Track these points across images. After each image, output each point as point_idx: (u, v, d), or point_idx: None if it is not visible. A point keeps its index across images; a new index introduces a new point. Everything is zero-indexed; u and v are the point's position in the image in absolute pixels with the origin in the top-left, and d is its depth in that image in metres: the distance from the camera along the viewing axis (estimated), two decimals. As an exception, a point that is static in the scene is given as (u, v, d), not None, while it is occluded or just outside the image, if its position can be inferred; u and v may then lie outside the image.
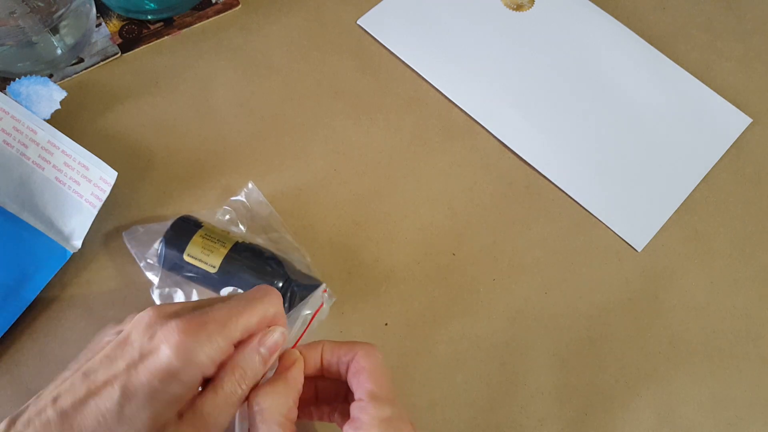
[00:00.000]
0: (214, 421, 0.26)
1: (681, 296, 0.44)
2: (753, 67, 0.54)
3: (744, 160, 0.49)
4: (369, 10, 0.53)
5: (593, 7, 0.55)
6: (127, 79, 0.49)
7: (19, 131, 0.40)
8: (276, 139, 0.47)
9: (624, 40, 0.54)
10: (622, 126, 0.50)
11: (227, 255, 0.38)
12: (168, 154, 0.46)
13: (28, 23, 0.43)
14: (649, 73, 0.52)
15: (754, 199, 0.48)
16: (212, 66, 0.50)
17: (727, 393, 0.41)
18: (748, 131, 0.50)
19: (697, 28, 0.55)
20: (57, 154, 0.41)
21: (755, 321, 0.44)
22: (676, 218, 0.47)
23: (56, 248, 0.41)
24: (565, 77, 0.52)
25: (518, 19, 0.54)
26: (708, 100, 0.52)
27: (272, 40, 0.52)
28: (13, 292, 0.40)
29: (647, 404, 0.41)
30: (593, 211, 0.46)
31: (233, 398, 0.27)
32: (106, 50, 0.50)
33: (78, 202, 0.41)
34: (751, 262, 0.46)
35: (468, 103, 0.50)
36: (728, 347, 0.43)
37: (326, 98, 0.49)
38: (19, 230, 0.40)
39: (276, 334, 0.29)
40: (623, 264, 0.45)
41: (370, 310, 0.42)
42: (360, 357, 0.30)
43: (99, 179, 0.41)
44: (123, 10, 0.51)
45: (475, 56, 0.52)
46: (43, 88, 0.42)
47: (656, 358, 0.42)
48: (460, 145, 0.48)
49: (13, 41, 0.44)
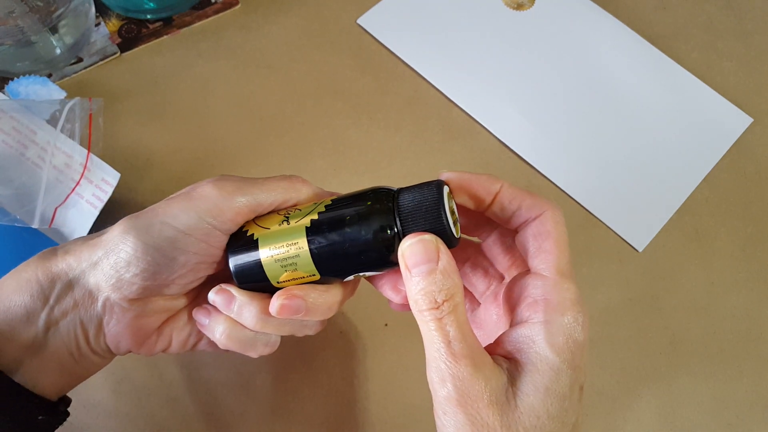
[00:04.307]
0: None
1: (681, 296, 0.44)
2: (753, 67, 0.53)
3: (745, 160, 0.49)
4: (369, 10, 0.53)
5: (594, 7, 0.55)
6: (126, 78, 0.49)
7: (19, 131, 0.40)
8: (276, 139, 0.47)
9: (624, 40, 0.54)
10: (622, 126, 0.50)
11: (310, 251, 0.28)
12: (167, 154, 0.46)
13: (27, 23, 0.43)
14: (650, 73, 0.52)
15: (755, 199, 0.48)
16: (211, 65, 0.50)
17: (727, 393, 0.41)
18: (749, 131, 0.50)
19: (698, 27, 0.55)
20: (57, 154, 0.40)
21: (756, 321, 0.43)
22: (677, 218, 0.47)
23: (56, 249, 0.41)
24: (565, 77, 0.52)
25: (519, 18, 0.54)
26: (709, 99, 0.52)
27: (272, 40, 0.52)
28: (12, 293, 0.39)
29: (648, 405, 0.40)
30: (594, 211, 0.46)
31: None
32: (106, 50, 0.50)
33: (78, 202, 0.41)
34: (751, 262, 0.45)
35: (468, 102, 0.50)
36: (729, 347, 0.43)
37: (326, 98, 0.49)
38: (19, 230, 0.40)
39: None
40: (624, 264, 0.45)
41: (370, 310, 0.42)
42: (547, 219, 0.26)
43: (101, 180, 0.41)
44: (122, 10, 0.51)
45: (475, 56, 0.52)
46: (42, 87, 0.41)
47: (657, 359, 0.42)
48: (460, 145, 0.48)
49: (12, 41, 0.44)
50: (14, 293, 0.27)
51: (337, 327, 0.41)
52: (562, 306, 0.25)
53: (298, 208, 0.29)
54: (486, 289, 0.32)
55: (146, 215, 0.28)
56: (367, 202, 0.27)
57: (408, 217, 0.26)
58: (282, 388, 0.39)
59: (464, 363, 0.24)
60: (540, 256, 0.26)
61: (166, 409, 0.38)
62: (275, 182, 0.30)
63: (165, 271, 0.28)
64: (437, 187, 0.27)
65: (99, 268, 0.27)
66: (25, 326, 0.27)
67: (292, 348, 0.40)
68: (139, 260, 0.27)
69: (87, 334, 0.29)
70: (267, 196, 0.29)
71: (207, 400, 0.39)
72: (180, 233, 0.27)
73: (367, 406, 0.40)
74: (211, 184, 0.28)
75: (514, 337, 0.26)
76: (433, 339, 0.25)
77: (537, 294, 0.26)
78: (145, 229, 0.27)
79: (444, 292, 0.25)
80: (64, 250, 0.28)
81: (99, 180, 0.41)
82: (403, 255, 0.26)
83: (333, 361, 0.40)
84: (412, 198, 0.27)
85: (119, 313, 0.28)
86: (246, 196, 0.28)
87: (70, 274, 0.28)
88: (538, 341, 0.25)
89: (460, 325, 0.25)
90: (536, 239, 0.26)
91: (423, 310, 0.25)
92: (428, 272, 0.25)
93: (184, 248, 0.28)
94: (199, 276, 0.30)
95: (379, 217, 0.27)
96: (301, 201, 0.30)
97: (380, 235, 0.26)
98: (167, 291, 0.29)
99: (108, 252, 0.27)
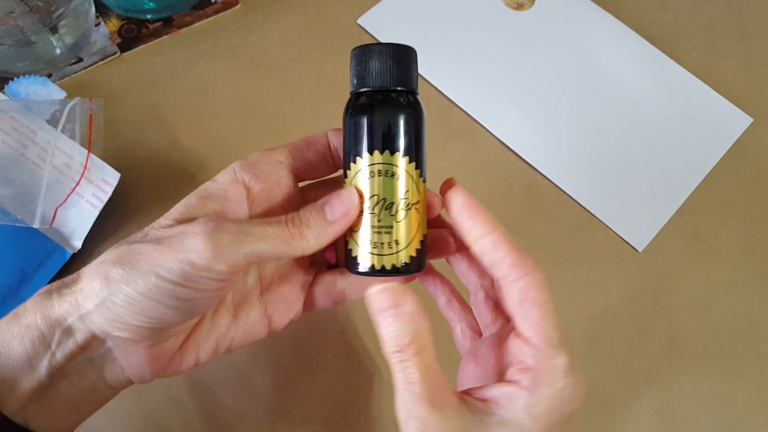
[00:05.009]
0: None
1: (681, 296, 0.44)
2: (753, 67, 0.53)
3: (745, 160, 0.49)
4: (369, 9, 0.53)
5: (594, 7, 0.55)
6: (126, 78, 0.49)
7: (19, 131, 0.40)
8: (276, 139, 0.47)
9: (625, 40, 0.54)
10: (622, 126, 0.50)
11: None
12: (167, 154, 0.46)
13: (27, 23, 0.43)
14: (650, 73, 0.52)
15: (755, 199, 0.48)
16: (211, 65, 0.50)
17: (727, 393, 0.41)
18: (749, 131, 0.50)
19: (698, 27, 0.55)
20: (57, 154, 0.40)
21: (756, 321, 0.43)
22: (677, 218, 0.47)
23: (56, 248, 0.41)
24: (565, 77, 0.52)
25: (519, 18, 0.54)
26: (709, 99, 0.52)
27: (272, 40, 0.52)
28: (13, 292, 0.39)
29: (648, 405, 0.40)
30: (594, 211, 0.46)
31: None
32: (105, 50, 0.50)
33: (78, 202, 0.41)
34: (751, 262, 0.45)
35: (468, 102, 0.50)
36: (729, 347, 0.43)
37: (326, 98, 0.49)
38: (19, 230, 0.40)
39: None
40: (624, 264, 0.45)
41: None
42: (531, 285, 0.26)
43: (101, 180, 0.41)
44: (122, 10, 0.51)
45: (475, 56, 0.52)
46: (42, 87, 0.41)
47: (657, 359, 0.42)
48: (460, 145, 0.48)
49: (12, 41, 0.44)
50: (15, 340, 0.26)
51: (337, 327, 0.41)
52: (551, 378, 0.25)
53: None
54: (492, 322, 0.32)
55: (137, 262, 0.26)
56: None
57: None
58: (282, 388, 0.39)
59: (424, 404, 0.25)
60: (527, 324, 0.26)
61: (167, 409, 0.38)
62: (279, 228, 0.27)
63: (168, 316, 0.26)
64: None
65: (99, 313, 0.26)
66: (27, 373, 0.26)
67: (292, 348, 0.40)
68: (136, 314, 0.26)
69: (102, 372, 0.28)
70: (267, 246, 0.26)
71: (207, 400, 0.39)
72: (175, 285, 0.26)
73: (367, 406, 0.40)
74: (204, 239, 0.25)
75: (499, 392, 0.26)
76: (399, 380, 0.25)
77: (528, 361, 0.26)
78: (137, 279, 0.25)
79: (409, 336, 0.25)
80: (59, 293, 0.27)
81: (99, 180, 0.41)
82: (370, 300, 0.26)
83: (333, 361, 0.40)
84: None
85: (132, 346, 0.27)
86: (244, 247, 0.26)
87: (68, 319, 0.26)
88: (519, 404, 0.25)
89: (425, 367, 0.25)
90: (522, 306, 0.26)
91: (389, 352, 0.26)
92: (394, 317, 0.26)
93: (183, 297, 0.26)
94: (206, 309, 0.29)
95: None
96: (306, 251, 0.28)
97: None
98: (178, 327, 0.28)
99: (104, 301, 0.26)
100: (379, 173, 0.27)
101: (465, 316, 0.33)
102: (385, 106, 0.28)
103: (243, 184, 0.29)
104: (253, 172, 0.29)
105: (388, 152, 0.27)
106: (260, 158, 0.30)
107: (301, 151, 0.31)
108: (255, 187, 0.29)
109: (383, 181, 0.27)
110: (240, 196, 0.28)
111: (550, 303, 0.26)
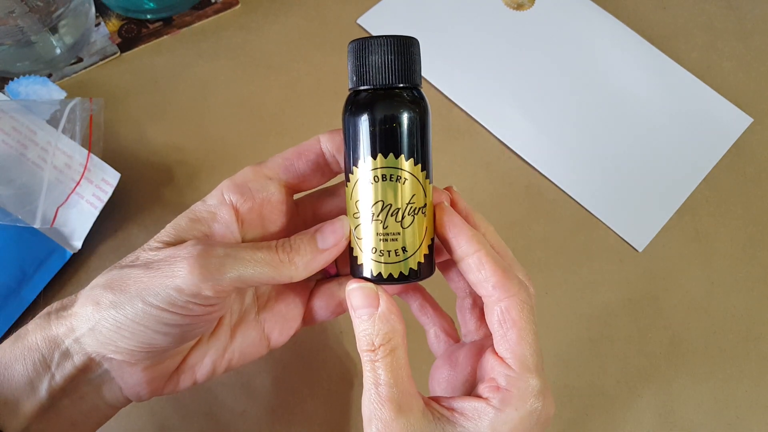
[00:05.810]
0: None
1: (682, 296, 0.44)
2: (753, 67, 0.53)
3: (745, 160, 0.49)
4: (369, 10, 0.53)
5: (594, 7, 0.55)
6: (126, 78, 0.49)
7: (19, 132, 0.40)
8: (276, 139, 0.47)
9: (625, 40, 0.54)
10: (622, 125, 0.50)
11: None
12: (167, 154, 0.46)
13: (27, 23, 0.43)
14: (650, 73, 0.52)
15: (755, 199, 0.48)
16: (211, 65, 0.50)
17: (727, 393, 0.41)
18: (749, 131, 0.50)
19: (698, 27, 0.55)
20: (57, 154, 0.40)
21: (756, 321, 0.43)
22: (677, 218, 0.47)
23: (56, 248, 0.41)
24: (565, 77, 0.52)
25: (519, 18, 0.54)
26: (709, 99, 0.52)
27: (272, 40, 0.52)
28: (13, 292, 0.39)
29: (648, 405, 0.41)
30: (594, 211, 0.46)
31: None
32: (105, 50, 0.50)
33: (78, 202, 0.41)
34: (751, 262, 0.45)
35: (468, 102, 0.50)
36: (729, 347, 0.43)
37: (326, 98, 0.49)
38: (19, 230, 0.40)
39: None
40: (624, 264, 0.45)
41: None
42: (513, 308, 0.26)
43: (101, 180, 0.41)
44: (122, 10, 0.51)
45: (475, 55, 0.52)
46: (42, 87, 0.41)
47: (657, 359, 0.42)
48: (460, 145, 0.48)
49: (12, 41, 0.44)
50: (18, 362, 0.27)
51: (337, 327, 0.41)
52: (520, 401, 0.25)
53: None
54: (476, 330, 0.31)
55: (127, 287, 0.26)
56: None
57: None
58: (282, 388, 0.39)
59: (389, 407, 0.25)
60: (504, 345, 0.26)
61: (167, 409, 0.38)
62: (269, 254, 0.27)
63: (158, 341, 0.27)
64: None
65: (92, 336, 0.26)
66: (29, 395, 0.27)
67: (292, 348, 0.40)
68: (126, 339, 0.26)
69: (101, 392, 0.28)
70: (255, 271, 0.26)
71: (207, 400, 0.39)
72: (161, 310, 0.25)
73: (367, 406, 0.40)
74: (191, 263, 0.25)
75: (467, 405, 0.26)
76: (367, 380, 0.26)
77: (501, 381, 0.26)
78: (125, 305, 0.26)
79: (381, 336, 0.26)
80: (57, 316, 0.27)
81: (99, 180, 0.41)
82: (348, 296, 0.27)
83: (333, 361, 0.40)
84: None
85: (128, 368, 0.28)
86: (231, 272, 0.25)
87: (66, 341, 0.27)
88: (484, 420, 0.25)
89: (394, 369, 0.26)
90: (501, 327, 0.26)
91: (361, 350, 0.26)
92: (368, 316, 0.26)
93: (170, 323, 0.26)
94: (198, 334, 0.29)
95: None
96: (295, 278, 0.27)
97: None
98: (172, 351, 0.28)
99: (96, 325, 0.26)
100: (383, 178, 0.26)
101: (438, 321, 0.33)
102: (388, 105, 0.26)
103: (231, 205, 0.28)
104: (241, 192, 0.28)
105: (393, 155, 0.26)
106: (248, 175, 0.29)
107: (292, 163, 0.30)
108: (243, 207, 0.28)
109: (388, 186, 0.26)
110: (229, 218, 0.28)
111: (532, 325, 0.27)
